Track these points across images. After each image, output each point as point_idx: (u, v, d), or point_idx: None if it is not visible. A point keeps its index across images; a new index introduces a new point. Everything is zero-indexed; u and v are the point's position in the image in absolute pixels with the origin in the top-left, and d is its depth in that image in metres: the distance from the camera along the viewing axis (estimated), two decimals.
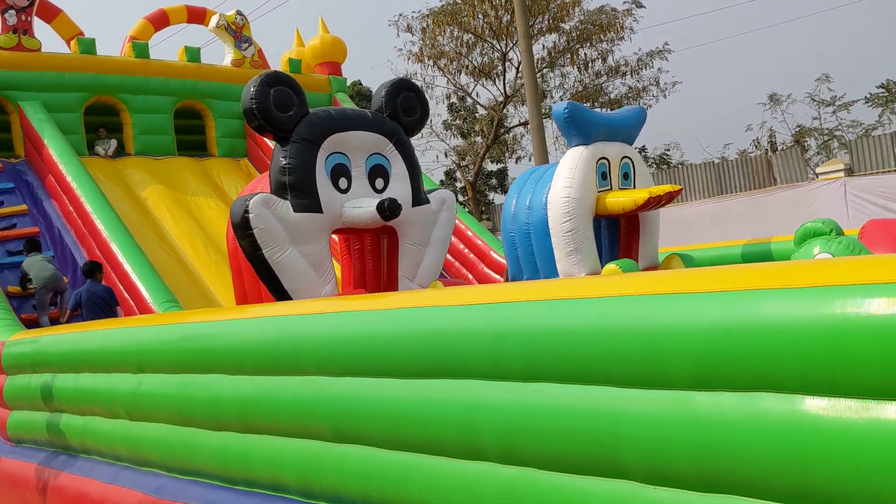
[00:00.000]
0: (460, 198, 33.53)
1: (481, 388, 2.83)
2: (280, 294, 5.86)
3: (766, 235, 9.37)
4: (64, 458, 5.64)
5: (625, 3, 27.58)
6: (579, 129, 8.08)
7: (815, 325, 2.02)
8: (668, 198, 7.97)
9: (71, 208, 10.03)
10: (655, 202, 7.88)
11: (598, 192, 8.20)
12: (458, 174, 35.54)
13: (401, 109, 6.61)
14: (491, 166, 36.68)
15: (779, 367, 2.09)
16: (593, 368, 2.51)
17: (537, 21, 28.44)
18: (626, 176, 8.44)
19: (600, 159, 8.18)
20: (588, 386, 2.53)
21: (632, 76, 28.30)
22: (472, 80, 31.58)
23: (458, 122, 35.42)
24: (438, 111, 32.93)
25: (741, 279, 2.26)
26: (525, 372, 2.70)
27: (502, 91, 29.46)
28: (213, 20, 13.52)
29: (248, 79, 13.79)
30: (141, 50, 12.66)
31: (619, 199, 8.01)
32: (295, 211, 5.85)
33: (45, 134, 10.64)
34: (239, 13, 13.80)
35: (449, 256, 12.30)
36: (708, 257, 9.64)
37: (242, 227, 5.75)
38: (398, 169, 6.49)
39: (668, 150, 31.31)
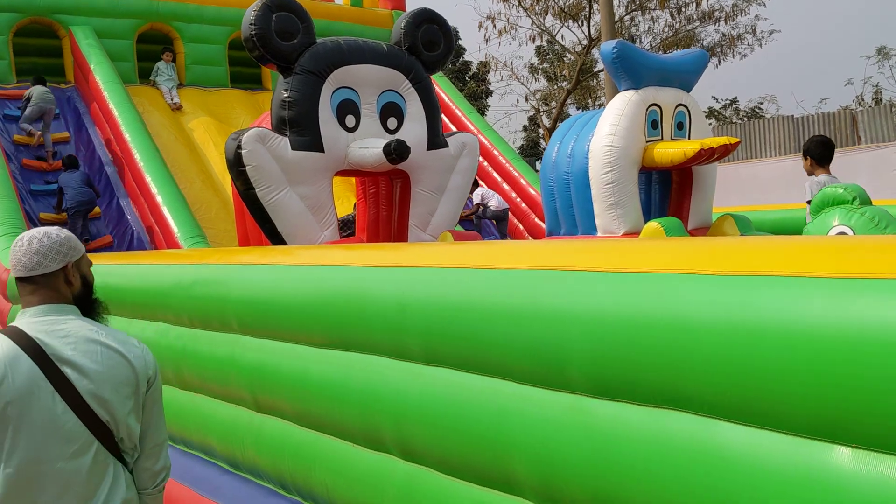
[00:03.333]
0: (543, 144, 32.66)
1: (383, 366, 2.38)
2: (274, 237, 5.49)
3: None
4: None
5: None
6: (629, 71, 7.36)
7: (736, 326, 1.48)
8: (724, 151, 7.22)
9: (111, 136, 9.91)
10: (708, 155, 7.15)
11: (647, 141, 7.51)
12: (542, 119, 34.57)
13: (422, 43, 6.06)
14: (575, 112, 35.54)
15: (688, 379, 1.56)
16: (491, 356, 2.01)
17: None
18: (679, 126, 7.71)
19: (651, 106, 7.47)
20: (485, 377, 2.05)
21: (726, 23, 26.64)
22: (558, 21, 30.39)
23: (545, 65, 34.35)
24: (521, 53, 31.93)
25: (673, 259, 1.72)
26: (425, 353, 2.22)
27: (587, 34, 28.21)
28: None
29: (309, 11, 13.46)
30: None
31: (668, 151, 7.30)
32: (293, 148, 5.44)
33: (93, 60, 10.51)
34: None
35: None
36: (769, 220, 8.87)
37: (235, 164, 5.38)
38: (414, 108, 5.98)
39: (762, 103, 29.55)
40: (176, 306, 3.54)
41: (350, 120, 5.71)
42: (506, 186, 11.79)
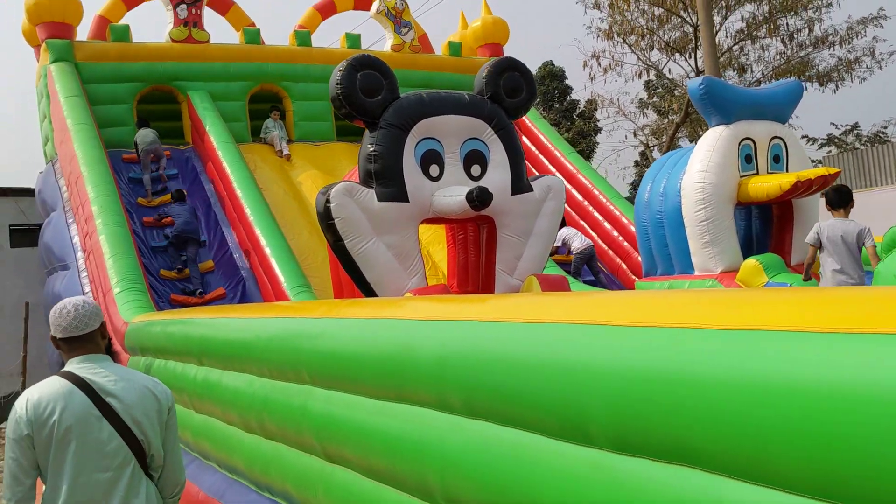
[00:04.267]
0: None
1: (429, 418, 2.46)
2: (363, 285, 5.69)
3: None
4: None
5: None
6: (718, 106, 7.29)
7: (744, 381, 1.48)
8: (822, 183, 7.01)
9: (224, 192, 10.50)
10: (805, 188, 6.95)
11: (741, 176, 7.38)
12: (653, 153, 34.03)
13: (503, 90, 6.20)
14: (688, 145, 34.81)
15: (695, 435, 1.57)
16: (521, 410, 2.07)
17: None
18: (776, 159, 7.53)
19: (743, 140, 7.35)
20: (519, 430, 2.09)
21: (841, 46, 25.58)
22: (664, 55, 30.02)
23: (654, 99, 33.90)
24: (627, 89, 31.75)
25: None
26: (465, 406, 2.30)
27: (693, 67, 27.72)
28: (374, 6, 13.65)
29: (408, 63, 13.92)
30: (303, 38, 13.04)
31: (763, 185, 7.15)
32: (379, 200, 5.65)
33: (208, 121, 11.21)
34: None
35: (602, 244, 11.68)
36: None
37: (325, 217, 5.64)
38: (497, 155, 6.10)
39: (886, 127, 28.08)
40: (258, 358, 3.74)
41: (434, 169, 5.88)
42: (607, 225, 11.70)
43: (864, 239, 5.92)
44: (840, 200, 6.09)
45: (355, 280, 5.75)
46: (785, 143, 7.53)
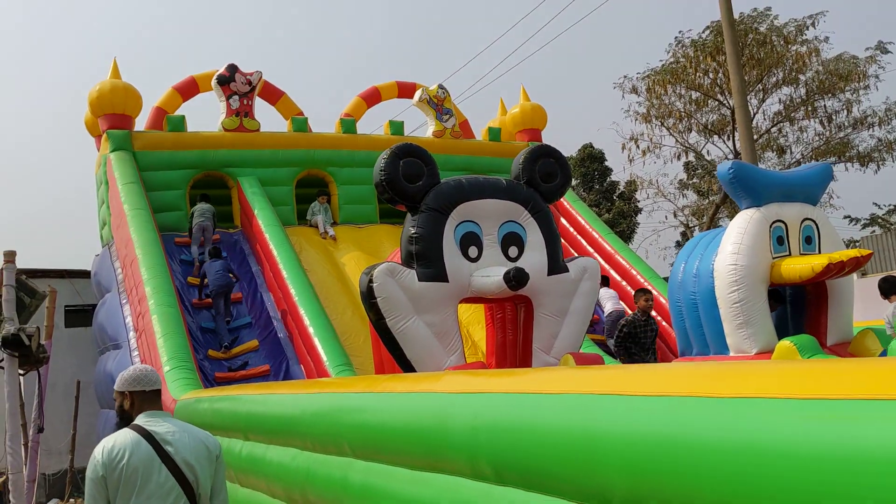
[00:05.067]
0: None
1: (461, 486, 2.63)
2: (403, 363, 5.89)
3: None
4: None
5: (867, 49, 25.32)
6: (747, 189, 7.45)
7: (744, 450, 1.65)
8: (855, 265, 7.08)
9: (270, 273, 10.87)
10: (838, 269, 7.02)
11: (774, 258, 7.47)
12: (694, 233, 34.03)
13: (539, 176, 6.48)
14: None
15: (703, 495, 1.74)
16: (543, 475, 2.24)
17: (773, 74, 26.89)
18: (808, 240, 7.62)
19: (775, 223, 7.47)
20: (543, 495, 2.26)
21: (880, 127, 25.70)
22: (703, 137, 30.40)
23: (694, 180, 34.10)
24: (666, 170, 32.00)
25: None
26: (495, 473, 2.47)
27: (732, 148, 27.98)
28: (417, 95, 14.23)
29: (450, 148, 14.37)
30: (348, 126, 13.60)
31: (796, 267, 7.23)
32: (420, 280, 5.89)
33: (256, 206, 11.70)
34: (441, 87, 14.40)
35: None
36: None
37: (367, 296, 5.88)
38: (534, 237, 6.34)
39: None
40: (302, 433, 3.93)
41: (473, 251, 6.13)
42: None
43: None
44: (890, 289, 7.27)
45: (396, 358, 5.95)
46: (817, 225, 7.63)
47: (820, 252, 7.55)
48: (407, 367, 5.91)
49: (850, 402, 1.45)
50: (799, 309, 7.93)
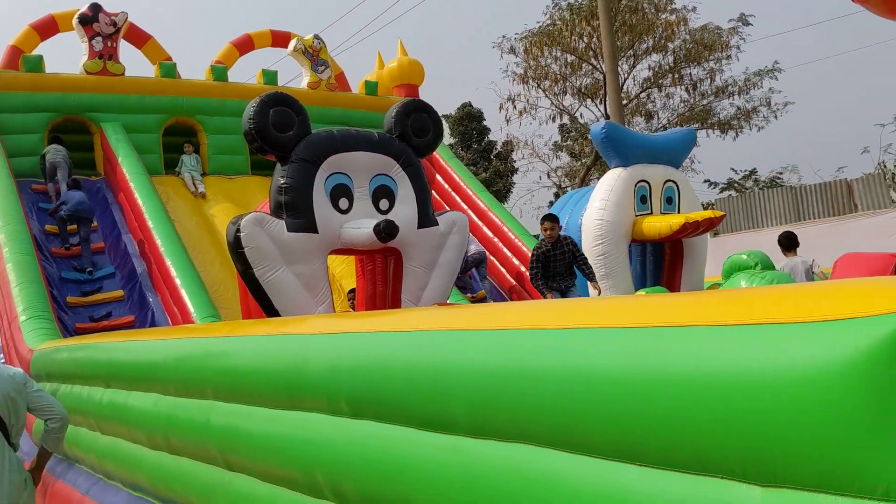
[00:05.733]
0: None
1: (321, 422, 2.70)
2: (272, 313, 5.88)
3: None
4: (63, 466, 5.84)
5: (730, 20, 26.60)
6: (618, 149, 7.80)
7: (565, 373, 1.79)
8: (708, 224, 7.57)
9: (136, 224, 10.50)
10: (693, 228, 7.49)
11: (636, 216, 7.87)
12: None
13: (411, 130, 6.53)
14: None
15: (529, 416, 1.87)
16: (396, 406, 2.34)
17: (643, 40, 27.83)
18: (669, 200, 8.07)
19: (639, 182, 7.87)
20: (395, 426, 2.36)
21: (740, 96, 27.17)
22: (577, 101, 31.22)
23: (568, 142, 35.03)
24: (541, 132, 32.72)
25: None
26: (352, 410, 2.55)
27: (603, 112, 28.90)
28: (291, 44, 13.92)
29: (325, 100, 14.19)
30: (219, 73, 13.18)
31: (655, 224, 7.67)
32: (289, 230, 5.87)
33: (121, 153, 11.22)
34: (317, 37, 14.13)
35: (511, 279, 12.12)
36: None
37: (235, 246, 5.82)
38: (405, 190, 6.41)
39: (781, 173, 29.81)
40: (164, 378, 3.90)
41: (343, 202, 6.14)
42: (515, 261, 12.16)
43: (814, 268, 7.85)
44: (790, 244, 8.09)
45: (264, 308, 5.93)
46: (677, 186, 8.08)
47: (679, 212, 8.02)
48: (274, 316, 5.90)
49: (660, 329, 1.60)
50: (657, 264, 8.41)
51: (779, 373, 1.39)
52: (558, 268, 8.37)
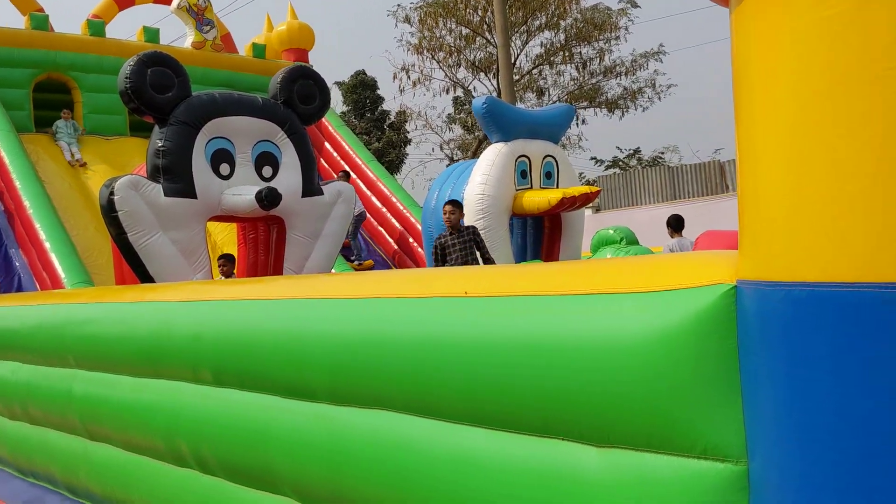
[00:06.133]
0: None
1: (184, 391, 2.66)
2: (146, 280, 5.69)
3: None
4: None
5: (620, 1, 27.28)
6: (498, 124, 7.89)
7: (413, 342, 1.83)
8: (585, 199, 7.78)
9: (3, 184, 9.93)
10: (570, 203, 7.69)
11: (517, 190, 8.01)
12: None
13: (297, 97, 6.42)
14: None
15: (385, 383, 1.91)
16: (260, 374, 2.33)
17: (536, 17, 28.18)
18: (548, 175, 8.25)
19: (520, 157, 7.99)
20: (257, 393, 2.35)
21: (626, 77, 27.98)
22: (471, 74, 31.38)
23: (461, 115, 35.17)
24: (435, 103, 32.72)
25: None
26: (215, 378, 2.52)
27: (496, 87, 29.19)
28: (175, 1, 13.37)
29: (210, 62, 13.69)
30: (96, 28, 12.54)
31: (535, 199, 7.83)
32: (166, 195, 5.68)
33: None
34: None
35: (399, 249, 12.15)
36: None
37: (108, 210, 5.59)
38: (289, 158, 6.31)
39: (663, 152, 30.99)
40: (24, 346, 3.74)
41: (224, 168, 5.99)
42: (395, 222, 12.25)
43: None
44: (678, 225, 8.56)
45: (138, 274, 5.74)
46: (556, 162, 8.27)
47: (558, 187, 8.21)
48: (148, 282, 5.72)
49: (508, 298, 1.66)
50: (537, 237, 8.62)
51: (613, 340, 1.47)
52: (458, 260, 7.91)
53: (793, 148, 1.19)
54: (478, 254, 7.41)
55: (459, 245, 7.81)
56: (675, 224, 8.60)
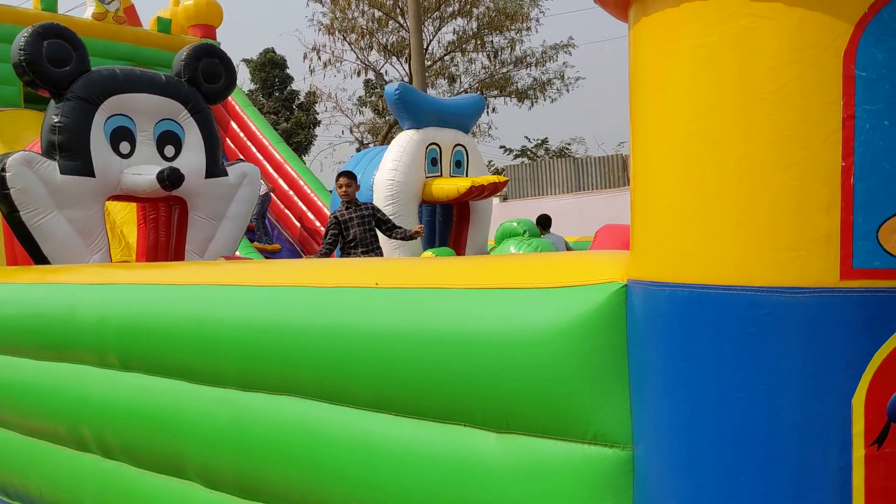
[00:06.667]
0: None
1: (88, 375, 2.62)
2: (39, 259, 5.51)
3: None
4: None
5: None
6: (410, 111, 7.93)
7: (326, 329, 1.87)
8: (493, 188, 7.91)
9: None
10: (479, 192, 7.81)
11: (427, 177, 8.08)
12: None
13: (202, 76, 6.28)
14: None
15: (295, 370, 1.95)
16: (167, 360, 2.32)
17: (449, 3, 28.25)
18: (458, 164, 8.34)
19: (430, 145, 8.06)
20: (165, 378, 2.34)
21: (536, 67, 28.41)
22: (383, 57, 31.23)
23: (372, 98, 34.95)
24: (346, 85, 32.45)
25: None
26: (121, 362, 2.50)
27: (408, 71, 29.16)
28: None
29: (111, 34, 13.20)
30: None
31: (444, 187, 7.92)
32: (62, 173, 5.49)
33: None
34: None
35: (306, 233, 12.06)
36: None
37: None
38: (192, 138, 6.18)
39: (570, 144, 31.66)
40: None
41: (125, 146, 5.83)
42: (311, 216, 12.12)
43: (567, 246, 9.03)
44: (547, 224, 9.33)
45: (31, 253, 5.54)
46: (466, 151, 8.38)
47: (467, 175, 8.32)
48: (42, 262, 5.53)
49: (417, 290, 1.73)
50: (446, 225, 8.72)
51: (515, 332, 1.55)
52: (357, 234, 7.64)
53: (678, 162, 1.29)
54: (378, 232, 7.26)
55: (357, 219, 7.52)
56: (545, 222, 9.52)
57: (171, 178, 5.61)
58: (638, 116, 1.40)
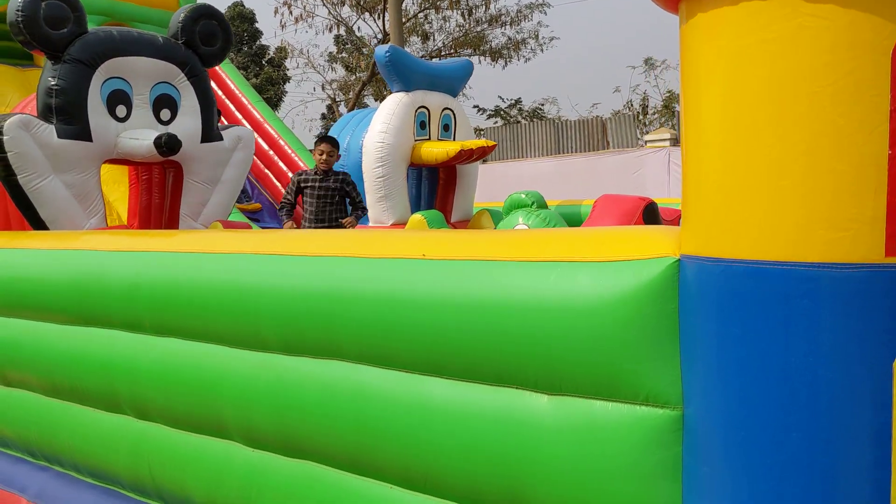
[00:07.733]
0: None
1: (120, 339, 2.71)
2: (37, 223, 5.52)
3: (592, 198, 9.63)
4: None
5: None
6: (400, 74, 7.95)
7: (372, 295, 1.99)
8: (481, 152, 8.01)
9: None
10: (467, 156, 7.90)
11: (416, 140, 8.15)
12: (339, 108, 34.84)
13: (199, 38, 6.26)
14: (373, 103, 36.17)
15: (342, 336, 2.07)
16: (206, 325, 2.43)
17: None
18: (446, 128, 8.41)
19: (419, 108, 8.11)
20: (202, 343, 2.45)
21: (511, 26, 28.31)
22: (355, 13, 30.88)
23: (343, 55, 34.57)
24: (318, 41, 32.04)
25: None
26: (155, 326, 2.59)
27: (381, 28, 28.90)
28: None
29: None
30: None
31: (433, 150, 7.99)
32: (59, 136, 5.49)
33: None
34: None
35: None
36: None
37: None
38: (188, 101, 6.18)
39: (543, 105, 31.69)
40: None
41: (121, 110, 5.82)
42: (282, 165, 12.14)
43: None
44: None
45: (28, 217, 5.55)
46: (454, 114, 8.45)
47: (455, 139, 8.40)
48: (40, 227, 5.55)
49: (472, 262, 1.85)
50: (432, 188, 8.82)
51: (569, 301, 1.68)
52: (313, 205, 7.59)
53: (734, 147, 1.42)
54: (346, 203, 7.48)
55: (322, 190, 7.39)
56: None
57: (168, 145, 5.63)
58: (692, 107, 1.51)
